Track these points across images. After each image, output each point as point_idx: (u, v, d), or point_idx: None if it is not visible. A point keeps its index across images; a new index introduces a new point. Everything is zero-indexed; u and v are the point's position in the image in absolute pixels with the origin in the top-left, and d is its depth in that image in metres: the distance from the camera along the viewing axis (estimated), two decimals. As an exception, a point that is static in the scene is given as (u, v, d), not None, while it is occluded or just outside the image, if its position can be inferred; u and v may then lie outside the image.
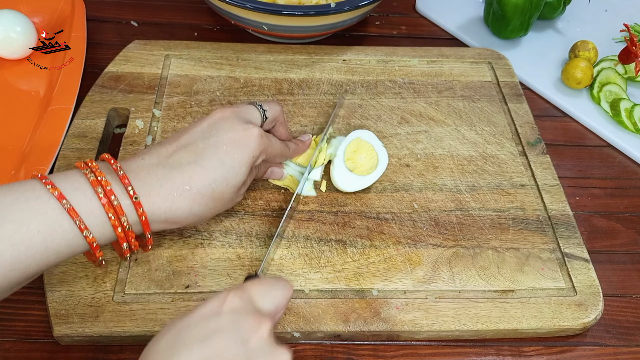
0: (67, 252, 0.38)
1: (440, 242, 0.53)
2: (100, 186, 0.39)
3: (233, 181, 0.44)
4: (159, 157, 0.43)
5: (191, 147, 0.44)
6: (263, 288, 0.38)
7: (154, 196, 0.41)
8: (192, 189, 0.42)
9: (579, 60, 0.71)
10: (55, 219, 0.37)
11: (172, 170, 0.42)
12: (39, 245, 0.37)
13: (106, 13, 0.77)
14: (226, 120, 0.46)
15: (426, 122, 0.64)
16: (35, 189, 0.38)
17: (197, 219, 0.44)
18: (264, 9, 0.63)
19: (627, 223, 0.59)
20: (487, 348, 0.49)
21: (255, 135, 0.46)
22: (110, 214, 0.39)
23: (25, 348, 0.46)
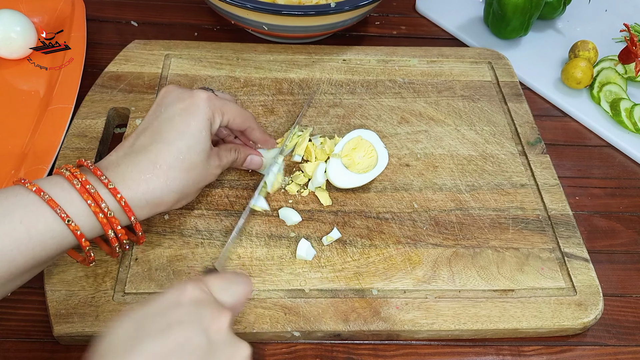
0: (53, 244, 0.39)
1: (440, 241, 0.53)
2: (76, 179, 0.40)
3: (198, 147, 0.45)
4: (124, 149, 0.45)
5: (148, 129, 0.45)
6: (223, 282, 0.38)
7: (128, 181, 0.42)
8: (162, 165, 0.43)
9: (579, 60, 0.71)
10: (36, 211, 0.38)
11: (138, 154, 0.43)
12: (22, 236, 0.37)
13: (106, 13, 0.77)
14: (171, 93, 0.47)
15: (426, 121, 0.64)
16: (15, 188, 0.39)
17: (179, 195, 0.45)
18: (264, 9, 0.63)
19: (627, 223, 0.59)
20: (487, 348, 0.49)
21: (202, 97, 0.47)
22: (89, 200, 0.40)
23: (25, 348, 0.46)
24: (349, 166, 0.56)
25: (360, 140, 0.57)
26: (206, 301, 0.35)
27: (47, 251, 0.39)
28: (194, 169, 0.45)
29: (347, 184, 0.55)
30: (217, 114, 0.48)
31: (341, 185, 0.55)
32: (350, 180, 0.55)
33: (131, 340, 0.32)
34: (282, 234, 0.52)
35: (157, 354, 0.32)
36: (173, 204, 0.45)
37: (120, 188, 0.41)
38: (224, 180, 0.56)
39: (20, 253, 0.37)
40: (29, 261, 0.38)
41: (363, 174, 0.55)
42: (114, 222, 0.41)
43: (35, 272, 0.41)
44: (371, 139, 0.57)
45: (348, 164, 0.56)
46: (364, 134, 0.57)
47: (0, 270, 0.37)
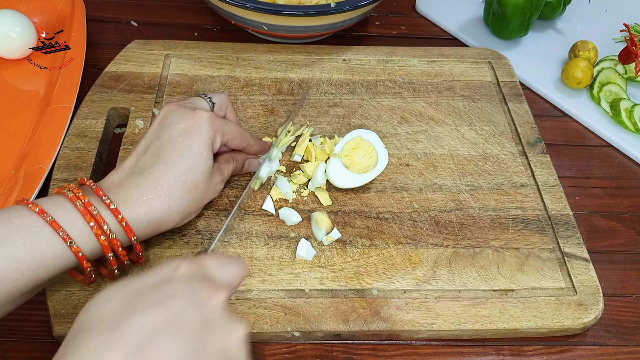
0: (54, 265, 0.39)
1: (440, 241, 0.53)
2: (79, 200, 0.40)
3: (200, 168, 0.45)
4: (125, 170, 0.45)
5: (149, 150, 0.45)
6: (218, 262, 0.36)
7: (130, 203, 0.42)
8: (163, 187, 0.43)
9: (579, 60, 0.71)
10: (39, 232, 0.38)
11: (140, 176, 0.43)
12: (24, 258, 0.37)
13: (106, 13, 0.77)
14: (172, 114, 0.47)
15: (426, 121, 0.64)
16: (17, 209, 0.39)
17: (181, 215, 0.45)
18: (264, 9, 0.63)
19: (627, 223, 0.59)
20: (487, 348, 0.49)
21: (204, 118, 0.47)
22: (92, 222, 0.40)
23: (25, 348, 0.46)
24: (349, 166, 0.56)
25: (360, 140, 0.57)
26: (201, 278, 0.34)
27: (49, 272, 0.39)
28: (196, 189, 0.45)
29: (347, 184, 0.55)
30: (219, 134, 0.48)
31: (341, 185, 0.55)
32: (350, 180, 0.55)
33: (120, 314, 0.30)
34: (282, 234, 0.52)
35: (148, 328, 0.29)
36: (176, 223, 0.46)
37: (122, 209, 0.42)
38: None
39: (22, 274, 0.37)
40: (30, 282, 0.38)
41: (363, 174, 0.55)
42: (115, 244, 0.41)
43: (35, 292, 0.41)
44: (371, 139, 0.57)
45: (348, 164, 0.56)
46: (364, 134, 0.57)
47: (1, 291, 0.37)
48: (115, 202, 0.42)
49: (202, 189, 0.46)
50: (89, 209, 0.40)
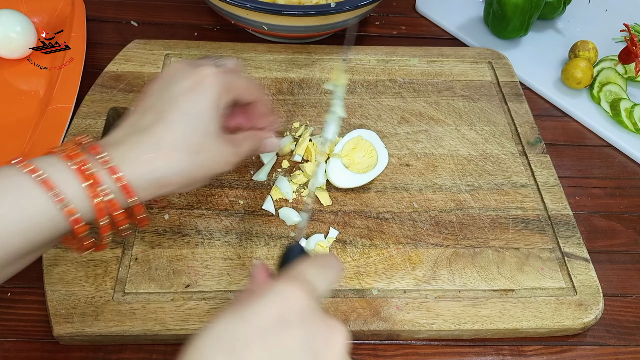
0: (48, 228, 0.36)
1: (440, 241, 0.53)
2: (73, 158, 0.37)
3: (204, 129, 0.42)
4: (125, 128, 0.41)
5: (152, 108, 0.42)
6: (319, 270, 0.34)
7: (129, 161, 0.39)
8: (165, 146, 0.40)
9: (579, 60, 0.71)
10: (30, 192, 0.35)
11: (141, 134, 0.40)
12: (17, 219, 0.35)
13: (106, 13, 0.77)
14: (177, 72, 0.44)
15: (426, 121, 0.64)
16: (8, 169, 0.36)
17: (183, 179, 0.41)
18: (264, 9, 0.63)
19: (627, 223, 0.59)
20: (487, 347, 0.49)
21: (209, 73, 0.43)
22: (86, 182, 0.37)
23: (25, 348, 0.46)
24: (349, 166, 0.56)
25: (360, 140, 0.57)
26: (315, 316, 0.30)
27: (43, 235, 0.36)
28: (200, 152, 0.42)
29: (347, 184, 0.55)
30: (225, 93, 0.44)
31: (341, 185, 0.55)
32: (350, 180, 0.55)
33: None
34: (282, 234, 0.52)
35: None
36: (180, 187, 0.42)
37: (120, 167, 0.38)
38: (224, 180, 0.56)
39: (15, 237, 0.35)
40: (24, 245, 0.36)
41: (363, 174, 0.55)
42: (113, 206, 0.38)
43: (33, 257, 0.39)
44: (371, 138, 0.57)
45: (348, 164, 0.56)
46: (364, 134, 0.57)
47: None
48: (113, 160, 0.38)
49: (207, 153, 0.42)
50: (82, 168, 0.37)
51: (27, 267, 0.50)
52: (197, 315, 0.46)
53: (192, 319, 0.46)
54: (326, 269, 0.34)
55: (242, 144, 0.46)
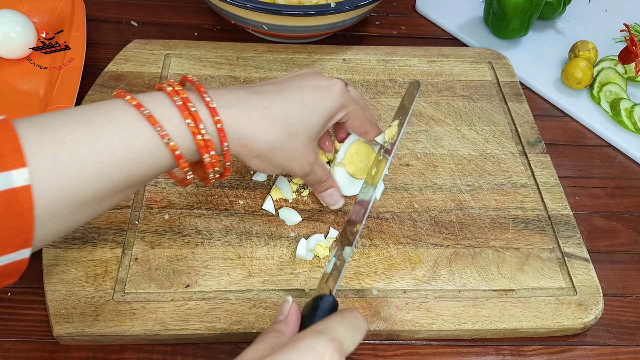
0: (149, 163, 0.37)
1: (440, 241, 0.53)
2: (178, 95, 0.38)
3: (309, 123, 0.44)
4: (241, 87, 0.43)
5: (274, 84, 0.44)
6: (351, 332, 0.36)
7: (232, 108, 0.40)
8: (271, 113, 0.42)
9: (579, 60, 0.71)
10: (136, 126, 0.36)
11: (254, 94, 0.42)
12: (121, 152, 0.36)
13: (106, 13, 0.77)
14: (313, 73, 0.47)
15: (426, 121, 0.64)
16: (115, 102, 0.37)
17: (266, 149, 0.42)
18: (264, 8, 0.63)
19: (627, 223, 0.59)
20: (487, 347, 0.49)
21: (339, 86, 0.46)
22: (189, 120, 0.38)
23: (25, 348, 0.46)
24: (354, 173, 0.55)
25: (360, 144, 0.57)
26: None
27: (144, 169, 0.37)
28: (294, 139, 0.43)
29: (355, 192, 0.55)
30: (343, 109, 0.47)
31: (349, 193, 0.54)
32: (357, 188, 0.55)
33: None
34: (282, 234, 0.52)
35: None
36: (256, 155, 0.42)
37: (221, 111, 0.39)
38: (224, 179, 0.56)
39: (118, 169, 0.36)
40: (126, 179, 0.37)
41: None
42: (210, 147, 0.39)
43: (130, 192, 0.39)
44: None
45: (353, 172, 0.55)
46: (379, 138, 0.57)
47: (98, 185, 0.35)
48: (216, 102, 0.39)
49: (297, 144, 0.44)
50: (187, 105, 0.38)
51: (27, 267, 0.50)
52: (197, 315, 0.46)
53: (192, 319, 0.46)
54: (355, 329, 0.36)
55: (321, 167, 0.48)
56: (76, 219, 0.36)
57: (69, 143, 0.34)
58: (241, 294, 0.48)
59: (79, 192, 0.34)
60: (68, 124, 0.35)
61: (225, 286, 0.48)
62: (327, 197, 0.52)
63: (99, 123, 0.36)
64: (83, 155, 0.34)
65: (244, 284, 0.49)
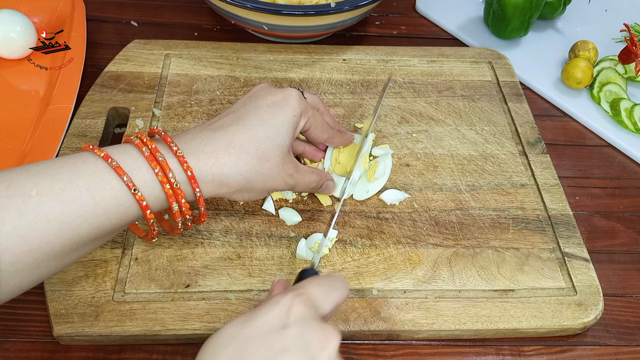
0: (117, 213, 0.38)
1: (440, 241, 0.53)
2: (146, 146, 0.39)
3: (276, 140, 0.44)
4: (201, 127, 0.44)
5: (232, 114, 0.45)
6: (324, 289, 0.37)
7: (199, 154, 0.41)
8: (236, 145, 0.42)
9: (579, 60, 0.71)
10: (102, 178, 0.37)
11: (215, 132, 0.43)
12: (88, 203, 0.36)
13: (106, 13, 0.77)
14: (264, 89, 0.47)
15: (426, 121, 0.64)
16: (83, 155, 0.38)
17: (245, 181, 0.43)
18: (264, 8, 0.63)
19: (627, 223, 0.59)
20: (487, 347, 0.49)
21: (294, 95, 0.46)
22: (157, 169, 0.39)
23: (25, 348, 0.46)
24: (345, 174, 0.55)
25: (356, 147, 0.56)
26: (312, 322, 0.34)
27: (112, 220, 0.38)
28: (266, 161, 0.44)
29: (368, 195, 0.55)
30: (304, 116, 0.47)
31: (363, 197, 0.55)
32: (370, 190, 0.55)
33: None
34: (282, 234, 0.52)
35: None
36: (236, 190, 0.43)
37: (189, 158, 0.40)
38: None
39: (85, 221, 0.36)
40: (93, 230, 0.37)
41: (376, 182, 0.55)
42: (179, 195, 0.40)
43: (97, 245, 0.40)
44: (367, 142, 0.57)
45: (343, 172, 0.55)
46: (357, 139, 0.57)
47: (64, 238, 0.36)
48: (183, 150, 0.40)
49: (272, 164, 0.44)
50: (155, 155, 0.39)
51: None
52: (197, 315, 0.46)
53: (192, 319, 0.46)
54: (331, 289, 0.37)
55: (304, 174, 0.49)
56: (41, 273, 0.37)
57: (34, 197, 0.35)
58: (241, 294, 0.48)
59: (45, 245, 0.35)
60: (35, 177, 0.35)
61: (225, 286, 0.48)
62: (324, 190, 0.53)
63: (65, 176, 0.36)
64: (49, 208, 0.35)
65: (244, 284, 0.49)
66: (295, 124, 0.46)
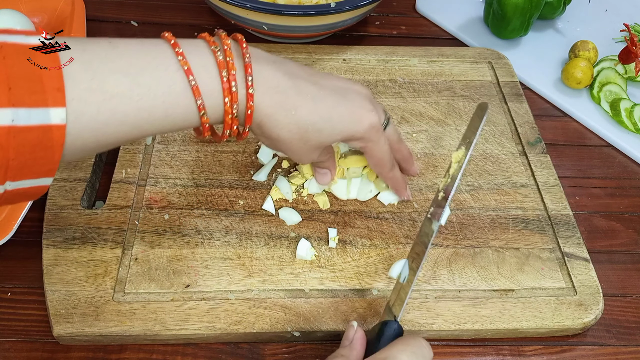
0: (181, 124, 0.40)
1: (440, 241, 0.53)
2: (226, 69, 0.39)
3: (324, 137, 0.45)
4: (288, 70, 0.44)
5: (319, 85, 0.45)
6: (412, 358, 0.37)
7: (265, 96, 0.41)
8: (295, 115, 0.43)
9: (579, 60, 0.71)
10: (179, 94, 0.38)
11: (292, 88, 0.43)
12: (160, 115, 0.38)
13: (106, 13, 0.77)
14: (360, 95, 0.47)
15: (426, 121, 0.64)
16: (167, 56, 0.38)
17: (275, 141, 0.44)
18: (264, 8, 0.63)
19: (627, 223, 0.59)
20: (487, 348, 0.49)
21: (372, 121, 0.46)
22: (227, 99, 0.39)
23: (25, 348, 0.46)
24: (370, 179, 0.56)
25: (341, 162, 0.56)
26: None
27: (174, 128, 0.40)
28: (303, 143, 0.44)
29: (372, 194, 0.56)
30: (364, 142, 0.47)
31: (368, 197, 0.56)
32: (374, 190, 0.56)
33: None
34: (282, 234, 0.52)
35: None
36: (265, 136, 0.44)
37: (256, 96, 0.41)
38: (224, 180, 0.56)
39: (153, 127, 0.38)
40: (155, 132, 0.39)
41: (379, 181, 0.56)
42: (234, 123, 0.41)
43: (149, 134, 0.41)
44: None
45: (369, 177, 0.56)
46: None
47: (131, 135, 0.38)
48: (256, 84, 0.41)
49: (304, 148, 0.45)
50: (230, 84, 0.39)
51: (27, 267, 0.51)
52: (197, 315, 0.46)
53: (192, 319, 0.46)
54: (418, 357, 0.37)
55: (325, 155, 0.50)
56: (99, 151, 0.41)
57: (115, 96, 0.35)
58: (241, 294, 0.48)
59: (113, 139, 0.37)
60: (117, 73, 0.36)
61: (225, 286, 0.48)
62: (321, 175, 0.54)
63: (146, 79, 0.37)
64: (125, 110, 0.36)
65: (244, 284, 0.49)
66: (347, 139, 0.47)
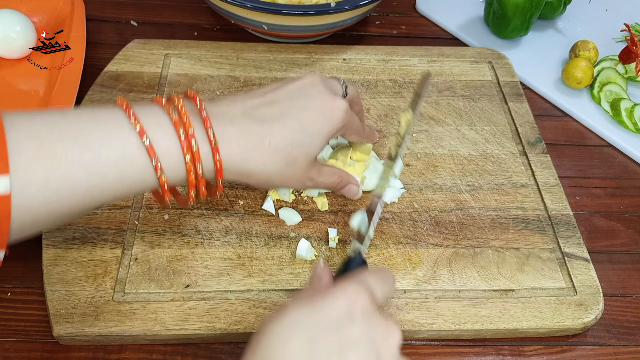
0: (138, 188, 0.38)
1: (440, 241, 0.53)
2: (183, 127, 0.38)
3: (309, 148, 0.44)
4: (245, 108, 0.42)
5: (277, 104, 0.43)
6: (379, 280, 0.37)
7: (233, 145, 0.40)
8: (270, 145, 0.41)
9: (579, 60, 0.71)
10: (133, 156, 0.36)
11: (255, 123, 0.41)
12: (113, 178, 0.36)
13: (106, 13, 0.77)
14: (315, 87, 0.45)
15: (426, 121, 0.64)
16: (118, 118, 0.37)
17: (266, 178, 0.43)
18: (263, 8, 0.63)
19: (627, 223, 0.59)
20: (487, 348, 0.49)
21: (342, 108, 0.45)
22: (188, 157, 0.38)
23: (25, 348, 0.46)
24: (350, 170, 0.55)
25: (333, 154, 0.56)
26: (375, 314, 0.35)
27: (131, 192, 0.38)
28: (292, 165, 0.43)
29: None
30: (343, 129, 0.47)
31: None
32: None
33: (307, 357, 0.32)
34: (282, 234, 0.52)
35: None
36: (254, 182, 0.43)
37: (222, 149, 0.39)
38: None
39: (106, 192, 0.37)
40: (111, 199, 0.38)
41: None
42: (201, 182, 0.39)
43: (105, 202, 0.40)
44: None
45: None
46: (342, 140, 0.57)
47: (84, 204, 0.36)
48: (218, 139, 0.39)
49: (296, 168, 0.44)
50: (190, 142, 0.38)
51: (27, 267, 0.51)
52: (197, 315, 0.46)
53: (192, 319, 0.46)
54: (384, 281, 0.38)
55: (326, 176, 0.48)
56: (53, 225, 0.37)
57: (63, 163, 0.34)
58: (241, 294, 0.48)
59: (66, 209, 0.35)
60: (66, 139, 0.35)
61: (225, 286, 0.48)
62: (346, 192, 0.52)
63: (96, 145, 0.36)
64: (75, 176, 0.35)
65: (244, 284, 0.49)
66: (332, 136, 0.45)
